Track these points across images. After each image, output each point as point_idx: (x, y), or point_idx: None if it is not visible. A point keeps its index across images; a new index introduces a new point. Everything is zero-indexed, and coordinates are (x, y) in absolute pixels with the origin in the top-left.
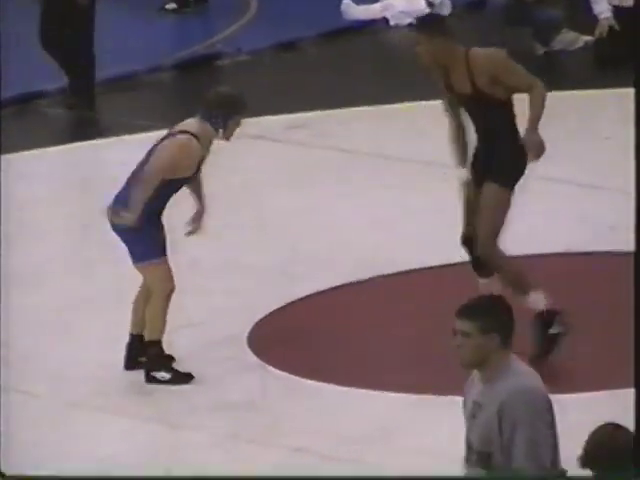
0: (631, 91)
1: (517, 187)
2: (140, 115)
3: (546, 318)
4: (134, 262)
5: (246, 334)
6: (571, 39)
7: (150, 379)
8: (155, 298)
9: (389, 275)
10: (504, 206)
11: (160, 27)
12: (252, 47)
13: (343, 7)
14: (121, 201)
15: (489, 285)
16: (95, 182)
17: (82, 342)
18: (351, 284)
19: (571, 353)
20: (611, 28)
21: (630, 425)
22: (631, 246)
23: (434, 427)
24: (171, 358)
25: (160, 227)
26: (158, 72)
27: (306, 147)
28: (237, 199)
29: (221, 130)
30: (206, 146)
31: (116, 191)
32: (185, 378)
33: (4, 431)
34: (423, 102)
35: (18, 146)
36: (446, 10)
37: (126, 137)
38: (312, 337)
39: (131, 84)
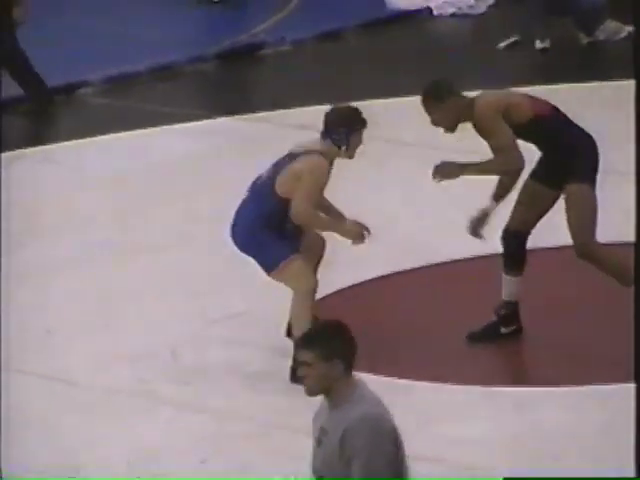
0: None
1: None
2: (183, 105)
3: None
4: (268, 273)
5: (286, 324)
6: (615, 29)
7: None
8: (296, 296)
9: (434, 265)
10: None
11: (203, 17)
12: (295, 37)
13: None
14: (243, 217)
15: (514, 283)
16: (139, 172)
17: (121, 331)
18: (395, 274)
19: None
20: None
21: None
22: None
23: (472, 416)
24: None
25: (283, 234)
26: (201, 62)
27: None
28: None
29: (344, 147)
30: (331, 164)
31: (157, 180)
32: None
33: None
34: (467, 92)
35: (61, 137)
36: (489, 0)
37: (169, 127)
38: (354, 327)
39: (174, 74)
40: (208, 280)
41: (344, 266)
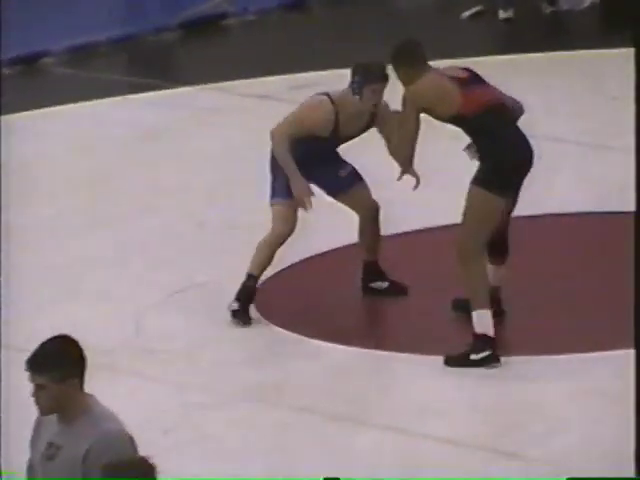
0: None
1: None
2: (145, 75)
3: (479, 340)
4: (270, 199)
5: None
6: None
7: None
8: (269, 235)
9: (396, 235)
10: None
11: None
12: (259, 7)
13: None
14: None
15: (498, 271)
16: (100, 141)
17: (85, 301)
18: (354, 245)
19: (568, 314)
20: None
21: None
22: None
23: (437, 385)
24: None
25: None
26: (164, 32)
27: None
28: (242, 158)
29: (357, 97)
30: (346, 111)
31: (121, 150)
32: (245, 319)
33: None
34: (430, 62)
35: (21, 106)
36: None
37: (132, 96)
38: (318, 297)
39: (137, 44)
40: (171, 250)
41: (305, 237)
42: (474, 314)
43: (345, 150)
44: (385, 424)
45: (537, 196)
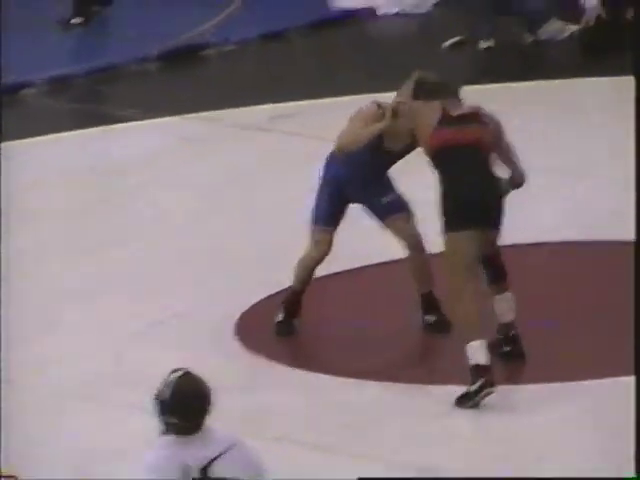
0: (618, 80)
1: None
2: (126, 105)
3: (474, 372)
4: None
5: (233, 323)
6: (558, 28)
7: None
8: (304, 256)
9: (378, 264)
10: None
11: (146, 16)
12: (239, 37)
13: None
14: None
15: (503, 301)
16: (81, 171)
17: (66, 332)
18: (337, 274)
19: (566, 341)
20: (598, 17)
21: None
22: (623, 235)
23: (420, 415)
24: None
25: (335, 199)
26: (144, 62)
27: (292, 137)
28: (223, 188)
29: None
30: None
31: (101, 180)
32: (288, 331)
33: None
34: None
35: (5, 137)
36: (433, 0)
37: (111, 127)
38: (300, 326)
39: (118, 74)
40: (151, 280)
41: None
42: (467, 347)
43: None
44: (366, 454)
45: (517, 225)
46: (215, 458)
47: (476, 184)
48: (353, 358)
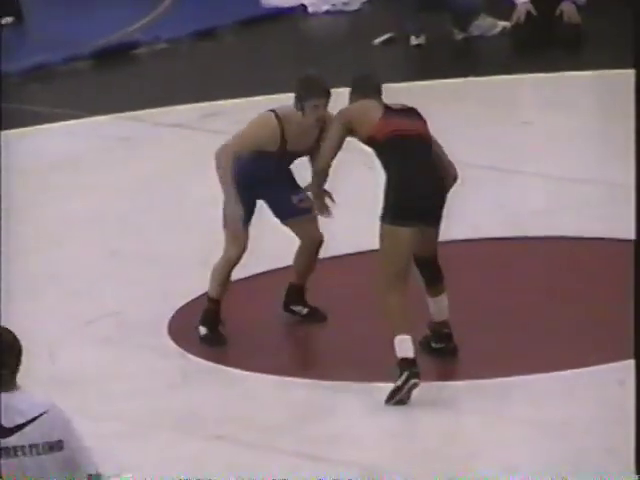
0: (549, 76)
1: None
2: (58, 104)
3: (401, 365)
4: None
5: (166, 322)
6: (489, 25)
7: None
8: (221, 258)
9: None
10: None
11: (77, 16)
12: (170, 35)
13: None
14: None
15: (438, 303)
16: (12, 171)
17: None
18: (270, 272)
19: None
20: (529, 13)
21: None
22: (551, 230)
23: (351, 413)
24: (219, 321)
25: (248, 200)
26: (75, 61)
27: (223, 135)
28: (154, 187)
29: (300, 112)
30: (292, 126)
31: (31, 180)
32: (219, 341)
33: None
34: (342, 89)
35: None
36: None
37: (44, 126)
38: (231, 324)
39: (49, 74)
40: (83, 281)
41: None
42: (394, 341)
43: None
44: (300, 451)
45: (449, 222)
46: (24, 424)
47: (428, 177)
48: (283, 356)
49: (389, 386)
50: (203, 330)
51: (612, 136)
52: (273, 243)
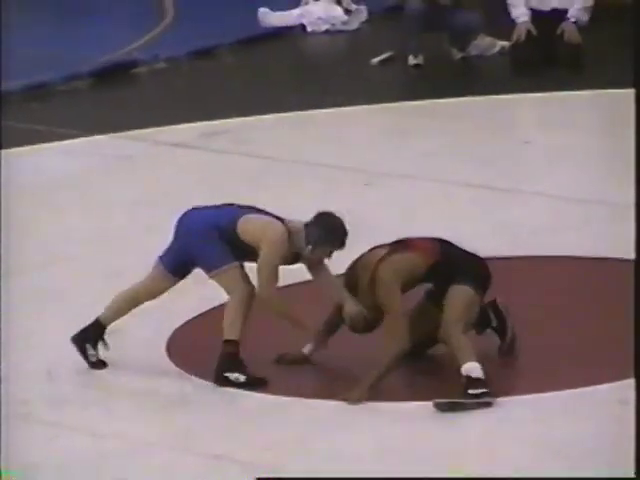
0: (549, 95)
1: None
2: (57, 123)
3: (473, 382)
4: (208, 273)
5: (164, 341)
6: (488, 44)
7: (221, 380)
8: (233, 299)
9: (307, 282)
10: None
11: (76, 34)
12: (169, 54)
13: (260, 14)
14: (197, 222)
15: None
16: (11, 189)
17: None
18: None
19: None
20: (528, 32)
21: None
22: (551, 250)
23: (350, 432)
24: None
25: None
26: (74, 80)
27: (224, 154)
28: (155, 206)
29: (310, 247)
30: (293, 249)
31: (31, 199)
32: (259, 382)
33: None
34: (341, 108)
35: None
36: (362, 17)
37: (44, 145)
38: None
39: (49, 92)
40: (82, 299)
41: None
42: (463, 367)
43: None
44: (302, 470)
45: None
46: None
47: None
48: (286, 376)
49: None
50: (240, 377)
51: (612, 155)
52: None
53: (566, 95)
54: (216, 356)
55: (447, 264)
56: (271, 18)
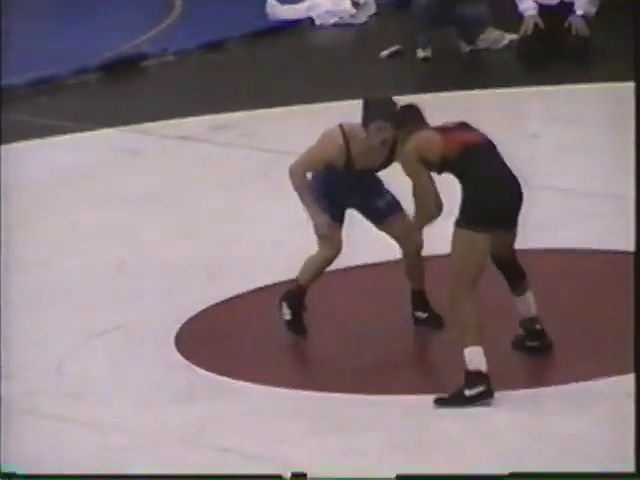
0: (556, 89)
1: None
2: (66, 117)
3: (472, 377)
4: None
5: (173, 335)
6: (496, 37)
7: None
8: (319, 252)
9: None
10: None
11: (85, 28)
12: (177, 47)
13: (268, 7)
14: None
15: (523, 301)
16: (21, 184)
17: (6, 346)
18: (277, 284)
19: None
20: (536, 26)
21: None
22: (558, 243)
23: (362, 427)
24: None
25: (336, 210)
26: (84, 74)
27: (232, 147)
28: (163, 200)
29: (366, 132)
30: (358, 144)
31: (41, 192)
32: (301, 329)
33: None
34: (349, 101)
35: None
36: (370, 10)
37: (52, 139)
38: (239, 337)
39: (57, 86)
40: (91, 293)
41: (228, 278)
42: (466, 352)
43: None
44: (306, 465)
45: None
46: None
47: (507, 180)
48: (292, 369)
49: (393, 399)
50: (287, 313)
51: (620, 149)
52: (274, 258)
53: (573, 88)
54: (224, 348)
55: (459, 167)
56: (279, 11)
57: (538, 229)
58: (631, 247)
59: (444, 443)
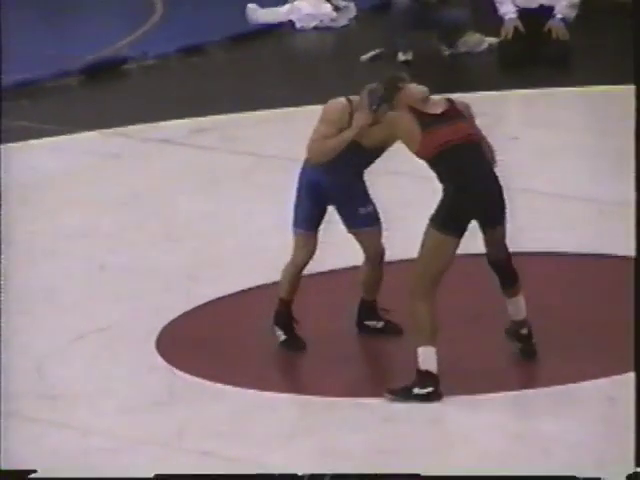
0: (536, 92)
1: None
2: (47, 120)
3: (422, 376)
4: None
5: (154, 337)
6: (476, 41)
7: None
8: (289, 263)
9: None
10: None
11: (66, 32)
12: (158, 51)
13: (249, 11)
14: None
15: (514, 304)
16: (3, 187)
17: None
18: (257, 287)
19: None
20: (516, 29)
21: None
22: (538, 246)
23: (342, 429)
24: (294, 322)
25: (315, 203)
26: (65, 77)
27: (212, 151)
28: (144, 203)
29: (374, 107)
30: (360, 108)
31: (22, 196)
32: (299, 344)
33: None
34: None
35: None
36: (351, 14)
37: (33, 142)
38: (219, 340)
39: (39, 89)
40: (73, 296)
41: (209, 280)
42: (419, 350)
43: None
44: (287, 467)
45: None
46: None
47: (483, 180)
48: (273, 372)
49: (374, 402)
50: (280, 334)
51: (600, 152)
52: (254, 260)
53: (553, 91)
54: (205, 351)
55: (434, 167)
56: (260, 14)
57: (519, 232)
58: (611, 250)
59: (425, 446)
